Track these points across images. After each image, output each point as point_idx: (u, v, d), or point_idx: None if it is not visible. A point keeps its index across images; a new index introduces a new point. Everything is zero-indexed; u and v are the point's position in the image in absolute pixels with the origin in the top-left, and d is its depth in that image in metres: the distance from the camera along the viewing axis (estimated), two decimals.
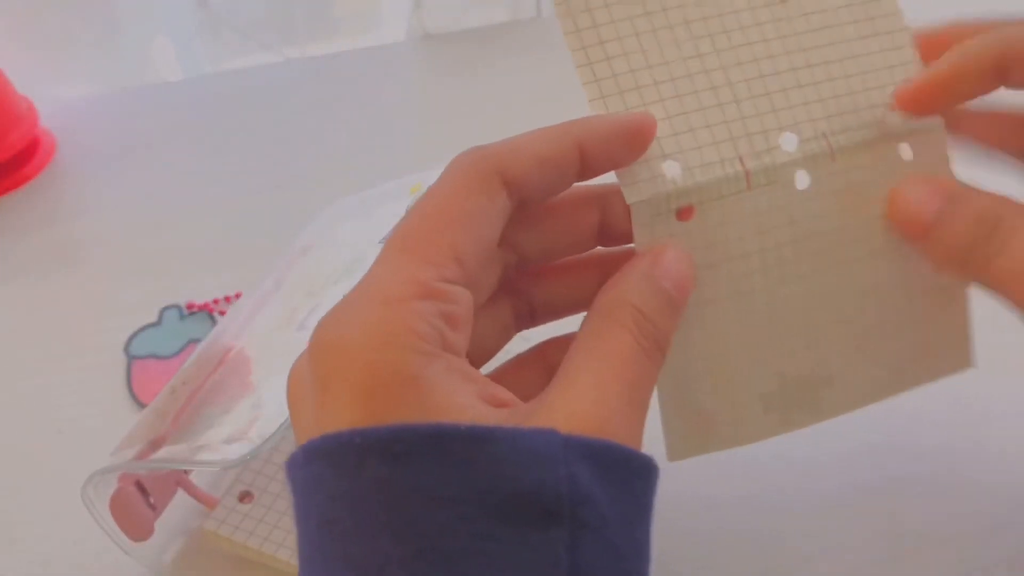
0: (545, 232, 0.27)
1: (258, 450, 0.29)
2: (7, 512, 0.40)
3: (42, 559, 0.38)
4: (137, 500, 0.35)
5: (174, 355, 0.46)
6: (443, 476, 0.19)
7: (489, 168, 0.23)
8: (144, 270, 0.52)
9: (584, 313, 0.25)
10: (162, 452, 0.32)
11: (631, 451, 0.21)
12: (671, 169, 0.25)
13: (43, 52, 0.67)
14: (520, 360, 0.29)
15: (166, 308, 0.48)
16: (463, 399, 0.21)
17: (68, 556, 0.37)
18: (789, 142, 0.26)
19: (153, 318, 0.48)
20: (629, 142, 0.25)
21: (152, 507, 0.36)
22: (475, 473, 0.19)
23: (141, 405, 0.44)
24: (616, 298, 0.24)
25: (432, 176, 0.38)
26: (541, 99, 0.62)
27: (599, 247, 0.28)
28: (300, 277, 0.38)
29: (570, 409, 0.21)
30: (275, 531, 0.35)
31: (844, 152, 0.27)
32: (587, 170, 0.25)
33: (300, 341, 0.32)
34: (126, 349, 0.46)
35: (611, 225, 0.27)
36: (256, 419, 0.30)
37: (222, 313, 0.48)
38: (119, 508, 0.34)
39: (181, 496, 0.37)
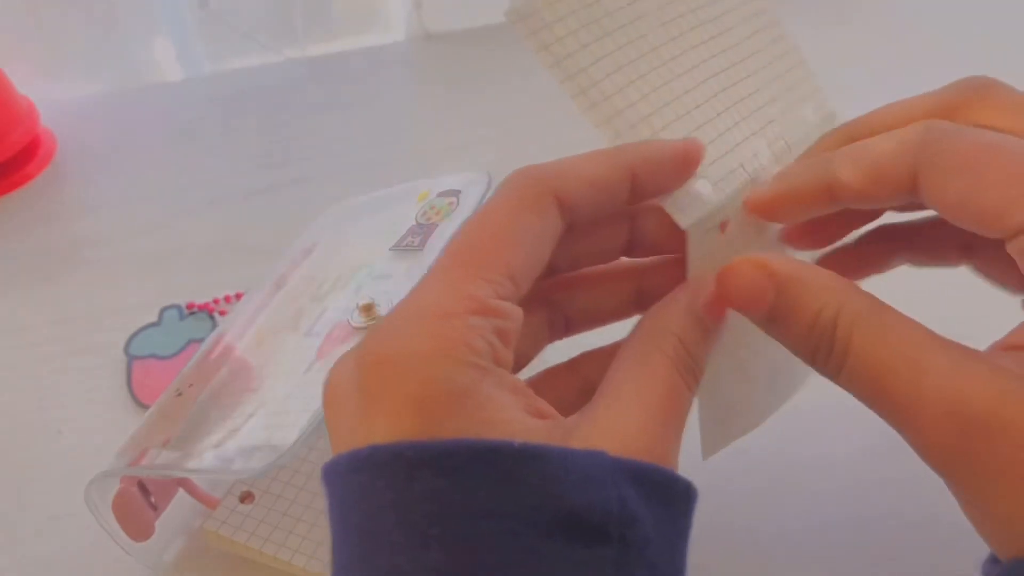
0: (577, 246, 0.28)
1: (280, 461, 0.28)
2: (7, 512, 0.40)
3: (42, 559, 0.38)
4: (139, 500, 0.35)
5: (174, 355, 0.46)
6: (495, 492, 0.19)
7: (544, 189, 0.24)
8: (144, 270, 0.52)
9: (612, 323, 0.27)
10: (171, 457, 0.32)
11: (674, 475, 0.22)
12: (704, 187, 0.26)
13: (43, 52, 0.68)
14: (554, 371, 0.29)
15: (166, 308, 0.48)
16: (513, 413, 0.21)
17: (68, 556, 0.37)
18: (762, 146, 0.28)
19: (153, 318, 0.48)
20: (679, 168, 0.26)
21: (153, 507, 0.36)
22: (527, 490, 0.20)
23: (141, 405, 0.44)
24: (661, 327, 0.25)
25: (440, 184, 0.38)
26: (541, 99, 0.62)
27: (623, 257, 0.29)
28: (304, 279, 0.38)
29: (617, 431, 0.22)
30: (276, 532, 0.36)
31: (798, 148, 0.29)
32: (636, 195, 0.25)
33: (309, 347, 0.33)
34: (126, 349, 0.46)
35: (638, 239, 0.28)
36: (272, 426, 0.30)
37: (222, 313, 0.48)
38: (121, 508, 0.34)
39: (182, 496, 0.37)
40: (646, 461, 0.21)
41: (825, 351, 0.23)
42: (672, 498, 0.22)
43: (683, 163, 0.26)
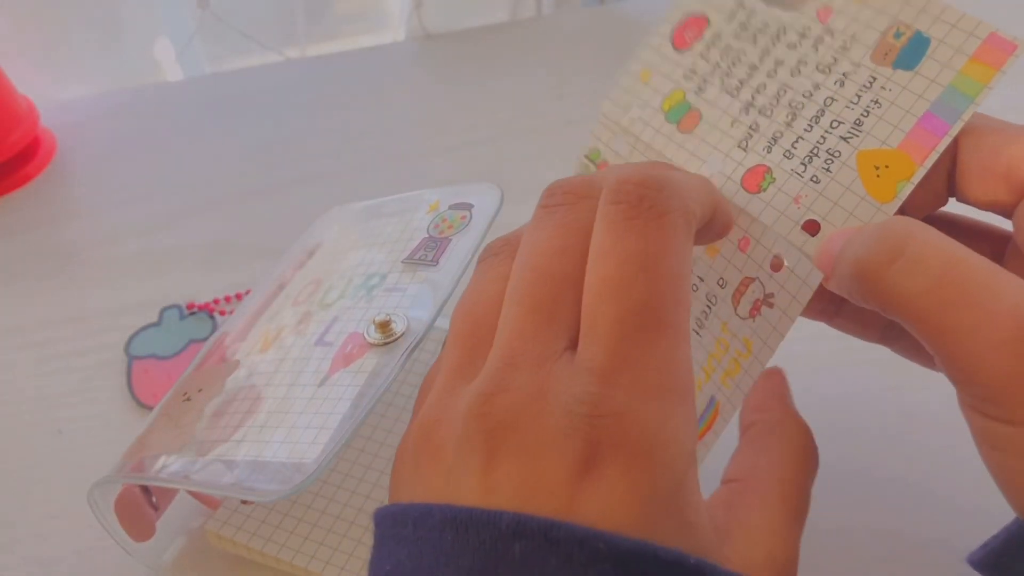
0: None
1: (305, 483, 0.28)
2: (7, 512, 0.40)
3: (42, 559, 0.38)
4: (140, 500, 0.35)
5: (174, 355, 0.46)
6: None
7: (692, 216, 0.23)
8: (144, 270, 0.52)
9: None
10: (181, 465, 0.32)
11: None
12: None
13: (43, 52, 0.68)
14: None
15: (166, 308, 0.48)
16: (702, 516, 0.20)
17: (68, 556, 0.37)
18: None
19: (153, 318, 0.48)
20: (727, 224, 0.27)
21: (154, 507, 0.36)
22: None
23: (141, 405, 0.44)
24: (770, 424, 0.26)
25: (450, 195, 0.37)
26: (541, 99, 0.62)
27: None
28: (309, 281, 0.38)
29: (765, 546, 0.23)
30: (277, 532, 0.35)
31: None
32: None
33: (321, 358, 0.32)
34: (126, 349, 0.46)
35: None
36: (289, 442, 0.29)
37: (222, 313, 0.48)
38: (123, 509, 0.34)
39: (182, 496, 0.37)
40: None
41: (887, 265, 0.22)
42: None
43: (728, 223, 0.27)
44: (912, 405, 0.39)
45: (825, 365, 0.40)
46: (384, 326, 0.31)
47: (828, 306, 0.30)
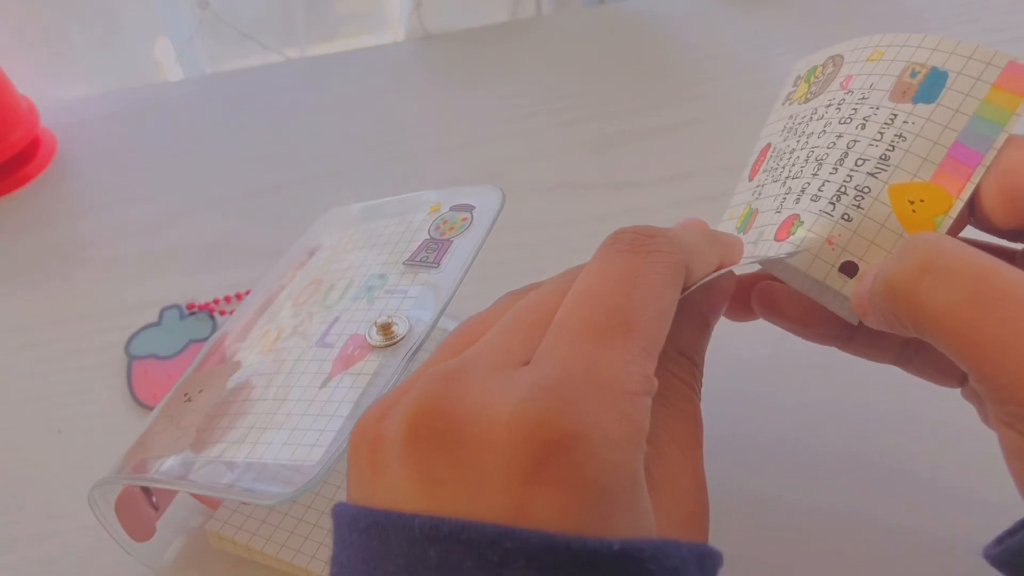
0: None
1: (309, 487, 0.28)
2: (7, 512, 0.40)
3: (42, 559, 0.38)
4: (141, 501, 0.35)
5: (174, 355, 0.46)
6: None
7: (683, 264, 0.23)
8: (144, 270, 0.52)
9: None
10: (182, 465, 0.31)
11: (715, 551, 0.22)
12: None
13: (43, 52, 0.68)
14: None
15: (166, 308, 0.48)
16: (649, 501, 0.20)
17: (68, 556, 0.37)
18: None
19: (153, 318, 0.48)
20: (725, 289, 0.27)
21: (155, 507, 0.36)
22: None
23: (141, 405, 0.44)
24: (671, 350, 0.25)
25: (452, 197, 0.37)
26: (541, 99, 0.62)
27: None
28: (310, 282, 0.38)
29: (684, 510, 0.22)
30: (278, 532, 0.35)
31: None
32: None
33: (322, 359, 0.32)
34: (126, 349, 0.46)
35: None
36: (291, 444, 0.29)
37: (222, 313, 0.48)
38: (124, 509, 0.34)
39: (182, 495, 0.37)
40: (700, 543, 0.21)
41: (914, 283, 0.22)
42: (715, 569, 0.22)
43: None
44: (915, 404, 0.39)
45: (827, 365, 0.40)
46: (386, 328, 0.31)
47: (842, 332, 0.29)
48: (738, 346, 0.41)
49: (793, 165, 0.29)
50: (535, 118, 0.60)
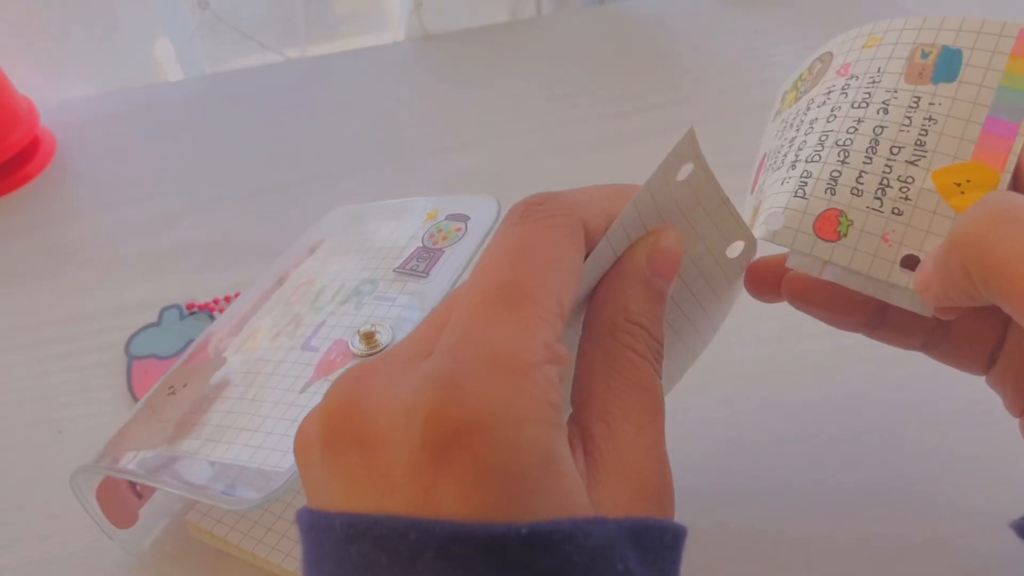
0: None
1: (275, 495, 0.28)
2: (7, 512, 0.40)
3: (42, 559, 0.38)
4: (123, 488, 0.35)
5: (174, 355, 0.46)
6: None
7: (579, 221, 0.23)
8: (144, 270, 0.52)
9: None
10: (159, 459, 0.32)
11: (667, 524, 0.21)
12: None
13: (43, 52, 0.68)
14: None
15: (166, 308, 0.48)
16: (576, 479, 0.20)
17: (68, 556, 0.37)
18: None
19: (153, 318, 0.48)
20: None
21: (138, 495, 0.36)
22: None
23: None
24: (621, 319, 0.23)
25: (449, 205, 0.37)
26: (541, 99, 0.62)
27: None
28: (305, 280, 0.38)
29: (638, 489, 0.21)
30: (255, 527, 0.36)
31: None
32: None
33: (305, 363, 0.32)
34: (126, 349, 0.46)
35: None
36: (266, 448, 0.29)
37: (222, 312, 0.48)
38: (106, 496, 0.35)
39: None
40: (644, 517, 0.21)
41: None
42: (665, 549, 0.21)
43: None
44: (916, 404, 0.39)
45: (828, 365, 0.40)
46: (369, 337, 0.32)
47: (872, 318, 0.29)
48: (738, 346, 0.41)
49: (800, 150, 0.28)
50: (535, 118, 0.60)
